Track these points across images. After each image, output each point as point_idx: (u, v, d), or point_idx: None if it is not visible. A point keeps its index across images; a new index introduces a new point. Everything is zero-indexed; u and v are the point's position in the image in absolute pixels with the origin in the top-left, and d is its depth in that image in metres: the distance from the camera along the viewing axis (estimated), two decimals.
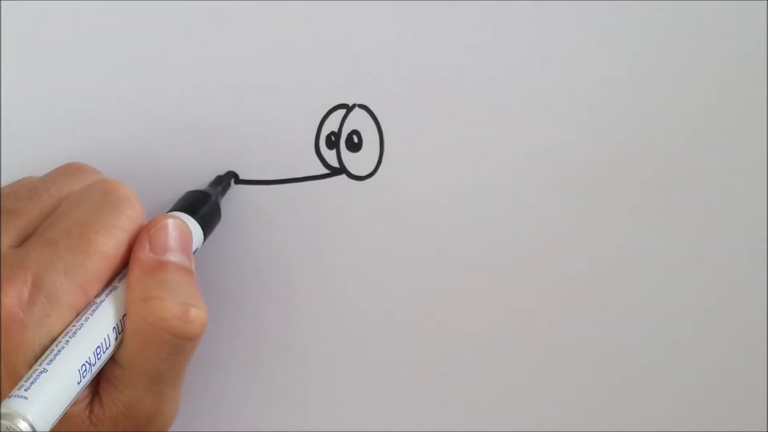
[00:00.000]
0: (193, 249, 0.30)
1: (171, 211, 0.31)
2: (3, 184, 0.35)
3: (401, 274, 0.35)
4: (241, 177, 0.34)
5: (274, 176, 0.34)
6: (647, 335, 0.35)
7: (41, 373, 0.23)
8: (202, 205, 0.31)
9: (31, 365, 0.24)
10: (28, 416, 0.22)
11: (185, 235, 0.28)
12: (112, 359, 0.27)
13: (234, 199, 0.34)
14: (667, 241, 0.35)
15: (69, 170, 0.30)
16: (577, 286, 0.35)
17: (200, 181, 0.34)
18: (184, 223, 0.29)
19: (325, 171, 0.34)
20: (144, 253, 0.27)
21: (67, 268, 0.26)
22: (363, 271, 0.35)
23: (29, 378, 0.23)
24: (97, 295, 0.26)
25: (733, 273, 0.35)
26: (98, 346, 0.25)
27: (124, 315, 0.26)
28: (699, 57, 0.33)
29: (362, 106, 0.34)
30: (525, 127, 0.34)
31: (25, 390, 0.23)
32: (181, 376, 0.28)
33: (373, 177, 0.34)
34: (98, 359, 0.25)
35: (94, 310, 0.26)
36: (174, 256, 0.28)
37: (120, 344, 0.26)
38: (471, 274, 0.35)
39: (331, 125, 0.34)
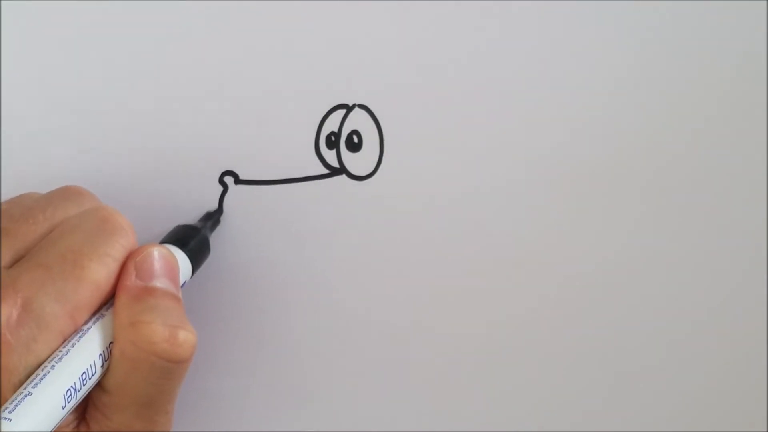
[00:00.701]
0: (182, 282, 0.30)
1: (161, 243, 0.31)
2: (2, 184, 0.35)
3: (401, 273, 0.35)
4: (241, 177, 0.34)
5: (274, 176, 0.34)
6: (647, 335, 0.35)
7: (26, 396, 0.23)
8: (191, 239, 0.32)
9: (16, 388, 0.24)
10: None
11: (171, 263, 0.29)
12: (100, 386, 0.27)
13: (234, 199, 0.34)
14: (668, 241, 0.35)
15: (66, 194, 0.30)
16: (577, 287, 0.35)
17: (201, 181, 0.34)
18: (170, 251, 0.29)
19: (325, 171, 0.34)
20: (131, 280, 0.27)
21: (58, 294, 0.25)
22: (363, 271, 0.35)
23: (13, 401, 0.23)
24: (85, 323, 0.26)
25: (733, 273, 0.35)
26: (84, 372, 0.25)
27: (111, 342, 0.26)
28: (699, 57, 0.33)
29: (362, 106, 0.34)
30: (525, 127, 0.34)
31: (9, 412, 0.23)
32: (172, 401, 0.28)
33: (373, 177, 0.34)
34: (84, 385, 0.25)
35: (81, 337, 0.26)
36: (160, 282, 0.28)
37: (107, 371, 0.26)
38: (471, 274, 0.35)
39: (331, 125, 0.34)
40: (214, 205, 0.34)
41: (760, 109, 0.33)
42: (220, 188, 0.34)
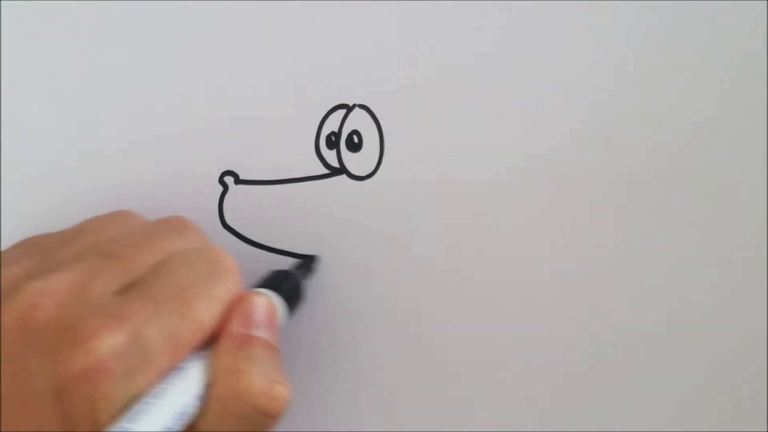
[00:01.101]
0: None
1: (257, 287, 0.31)
2: (2, 184, 0.35)
3: (401, 273, 0.35)
4: (241, 177, 0.34)
5: (274, 176, 0.34)
6: (647, 335, 0.35)
7: (120, 430, 0.23)
8: (285, 284, 0.32)
9: (112, 419, 0.24)
10: None
11: (273, 313, 0.29)
12: (193, 426, 0.26)
13: (234, 199, 0.34)
14: (668, 241, 0.35)
15: (174, 226, 0.30)
16: (577, 287, 0.35)
17: (201, 181, 0.34)
18: (273, 301, 0.29)
19: (326, 171, 0.34)
20: (235, 327, 0.27)
21: (164, 329, 0.25)
22: (363, 271, 0.35)
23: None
24: (184, 361, 0.26)
25: (733, 273, 0.35)
26: (180, 412, 0.25)
27: (208, 384, 0.26)
28: (699, 57, 0.33)
29: (362, 107, 0.34)
30: (525, 127, 0.34)
31: None
32: None
33: (374, 177, 0.34)
34: (179, 425, 0.25)
35: (180, 375, 0.25)
36: (262, 332, 0.28)
37: (201, 413, 0.26)
38: (471, 274, 0.35)
39: (332, 125, 0.34)
40: (215, 206, 0.34)
41: (760, 109, 0.33)
42: (220, 188, 0.34)
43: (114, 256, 0.27)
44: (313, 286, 0.35)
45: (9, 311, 0.24)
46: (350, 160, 0.34)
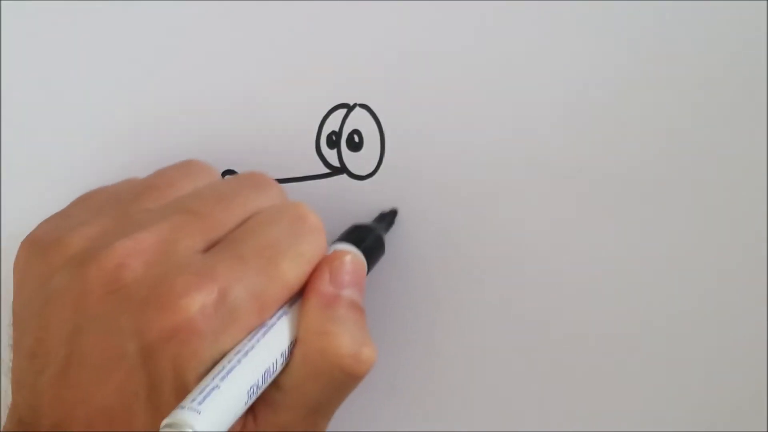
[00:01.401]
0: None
1: (337, 241, 0.30)
2: (2, 184, 0.35)
3: (401, 273, 0.35)
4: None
5: (274, 176, 0.34)
6: (647, 335, 0.35)
7: (213, 389, 0.23)
8: (367, 240, 0.31)
9: (200, 377, 0.24)
10: (197, 426, 0.22)
11: (361, 272, 0.29)
12: (275, 383, 0.26)
13: None
14: (669, 241, 0.35)
15: (255, 182, 0.30)
16: (577, 287, 0.35)
17: None
18: (361, 260, 0.29)
19: (326, 170, 0.34)
20: (324, 286, 0.27)
21: (251, 288, 0.25)
22: None
23: (202, 391, 0.23)
24: (271, 318, 0.26)
25: (734, 272, 0.35)
26: (267, 369, 0.25)
27: (293, 341, 0.26)
28: (699, 57, 0.33)
29: (363, 106, 0.34)
30: (526, 126, 0.34)
31: (198, 403, 0.22)
32: (336, 409, 0.28)
33: (374, 176, 0.34)
34: (265, 382, 0.25)
35: (265, 332, 0.25)
36: (350, 292, 0.28)
37: (285, 370, 0.26)
38: (471, 274, 0.35)
39: (332, 125, 0.34)
40: None
41: (761, 109, 0.33)
42: None
43: (198, 214, 0.27)
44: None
45: (96, 270, 0.24)
46: (351, 159, 0.34)
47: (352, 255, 0.28)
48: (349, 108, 0.34)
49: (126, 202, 0.28)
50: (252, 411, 0.26)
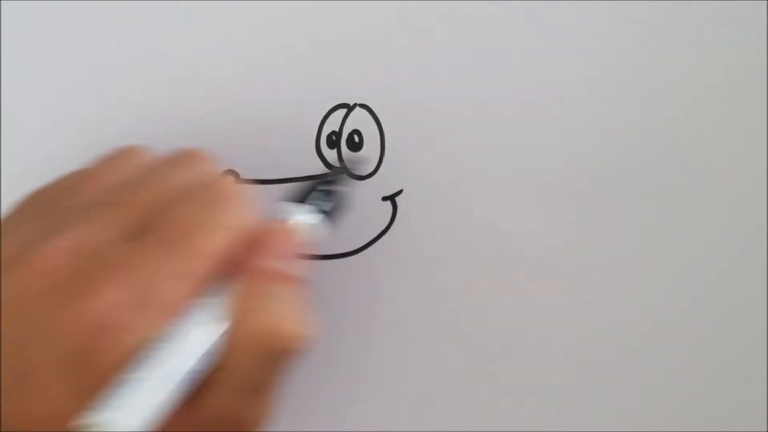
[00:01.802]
0: (314, 240, 0.28)
1: (282, 201, 0.29)
2: (2, 184, 0.35)
3: (401, 273, 0.35)
4: (242, 176, 0.34)
5: (274, 176, 0.34)
6: (647, 335, 0.35)
7: (137, 379, 0.23)
8: (318, 196, 0.29)
9: (125, 369, 0.23)
10: (122, 423, 0.21)
11: (292, 241, 0.27)
12: (210, 365, 0.25)
13: None
14: (669, 241, 0.35)
15: (181, 159, 0.28)
16: (577, 286, 0.35)
17: None
18: (296, 230, 0.27)
19: (326, 170, 0.34)
20: (250, 260, 0.26)
21: (173, 269, 0.24)
22: (362, 270, 0.35)
23: (125, 383, 0.22)
24: (198, 299, 0.25)
25: (734, 272, 0.35)
26: (196, 353, 0.24)
27: (225, 323, 0.25)
28: (699, 57, 0.33)
29: (363, 106, 0.34)
30: (526, 126, 0.34)
31: (121, 396, 0.22)
32: (276, 387, 0.27)
33: (374, 176, 0.34)
34: (195, 366, 0.24)
35: (193, 315, 0.24)
36: (280, 264, 0.26)
37: (219, 352, 0.25)
38: (471, 274, 0.35)
39: (332, 125, 0.34)
40: None
41: (761, 109, 0.33)
42: None
43: (118, 204, 0.26)
44: (311, 286, 0.35)
45: (25, 276, 0.24)
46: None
47: (284, 224, 0.27)
48: (349, 108, 0.34)
49: (59, 199, 0.28)
50: (190, 397, 0.25)
